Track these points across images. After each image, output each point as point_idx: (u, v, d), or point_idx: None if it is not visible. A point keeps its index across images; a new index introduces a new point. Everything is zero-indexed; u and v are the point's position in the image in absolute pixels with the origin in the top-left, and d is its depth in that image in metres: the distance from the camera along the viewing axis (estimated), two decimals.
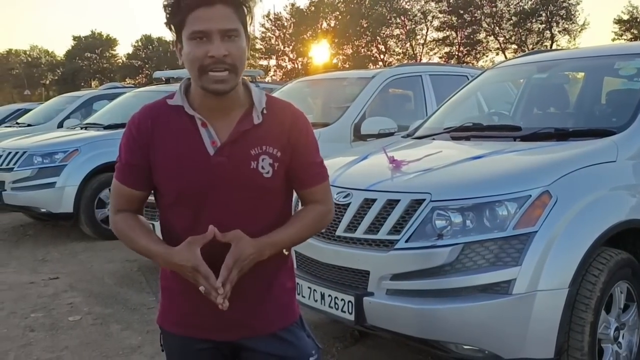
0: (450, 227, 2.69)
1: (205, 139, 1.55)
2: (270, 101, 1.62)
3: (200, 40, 1.47)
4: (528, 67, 4.50)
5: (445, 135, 3.87)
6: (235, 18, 1.49)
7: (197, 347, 1.67)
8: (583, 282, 2.66)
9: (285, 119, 1.61)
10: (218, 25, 1.46)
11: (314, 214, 1.67)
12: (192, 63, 1.49)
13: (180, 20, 1.49)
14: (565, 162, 2.88)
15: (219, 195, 1.54)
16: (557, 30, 43.28)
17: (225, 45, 1.47)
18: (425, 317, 2.67)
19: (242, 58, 1.52)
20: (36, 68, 70.94)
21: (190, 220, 1.56)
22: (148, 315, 4.38)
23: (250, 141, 1.55)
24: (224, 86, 1.50)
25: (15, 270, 5.84)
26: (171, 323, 1.69)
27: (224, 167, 1.53)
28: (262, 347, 1.65)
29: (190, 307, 1.62)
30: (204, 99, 1.55)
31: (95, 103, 10.59)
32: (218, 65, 1.47)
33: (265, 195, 1.58)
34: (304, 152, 1.63)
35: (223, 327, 1.61)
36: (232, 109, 1.57)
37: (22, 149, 7.21)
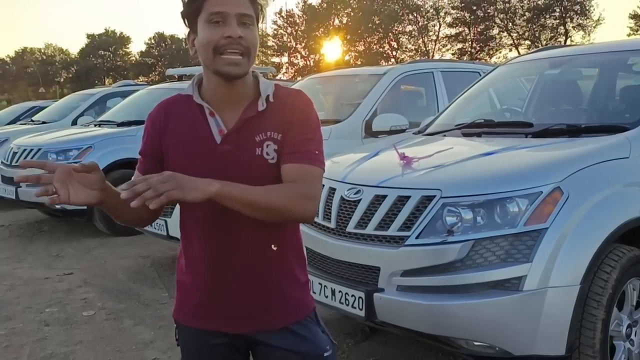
0: (460, 224, 2.68)
1: (213, 127, 1.57)
2: (278, 90, 1.64)
3: (216, 23, 1.50)
4: (540, 63, 4.47)
5: (456, 132, 3.86)
6: (251, 8, 1.54)
7: (212, 342, 1.67)
8: (595, 279, 2.65)
9: (287, 102, 1.62)
10: (235, 9, 1.50)
11: (288, 187, 1.54)
12: (207, 45, 1.51)
13: (198, 7, 1.52)
14: (577, 159, 2.87)
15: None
16: (571, 26, 42.86)
17: (241, 30, 1.51)
18: (436, 313, 2.67)
19: (255, 45, 1.55)
20: (51, 66, 71.49)
21: (198, 208, 1.54)
22: (161, 310, 4.42)
23: (254, 128, 1.57)
24: (236, 69, 1.52)
25: (31, 266, 5.92)
26: (186, 315, 1.70)
27: (230, 155, 1.55)
28: (277, 342, 1.65)
29: (204, 299, 1.63)
30: (215, 88, 1.58)
31: (108, 100, 10.66)
32: (233, 47, 1.50)
33: (271, 181, 1.56)
34: (299, 129, 1.59)
35: (237, 320, 1.62)
36: (240, 100, 1.60)
37: (37, 146, 7.30)
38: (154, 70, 66.02)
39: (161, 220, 4.88)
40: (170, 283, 5.08)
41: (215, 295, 1.60)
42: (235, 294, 1.57)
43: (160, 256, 6.06)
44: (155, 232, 5.05)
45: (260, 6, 1.58)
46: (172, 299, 4.65)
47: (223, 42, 1.50)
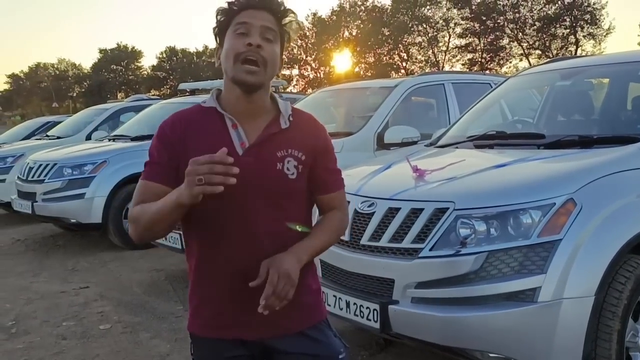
0: (474, 236, 2.70)
1: (234, 139, 1.62)
2: (294, 111, 1.73)
3: (241, 34, 1.59)
4: (551, 74, 4.49)
5: (468, 144, 3.89)
6: (276, 27, 1.64)
7: (228, 354, 1.69)
8: (610, 290, 2.65)
9: (309, 127, 1.73)
10: (260, 22, 1.60)
11: (337, 221, 1.78)
12: (229, 52, 1.60)
13: (227, 21, 1.63)
14: (589, 170, 2.88)
15: (245, 194, 1.59)
16: (581, 35, 42.74)
17: (262, 41, 1.59)
18: (451, 324, 2.68)
19: (274, 60, 1.63)
20: (64, 81, 72.29)
21: (217, 219, 1.62)
22: (176, 323, 4.45)
23: (277, 144, 1.64)
24: (252, 77, 1.59)
25: (47, 280, 5.98)
26: (201, 326, 1.72)
27: (251, 167, 1.59)
28: (294, 348, 1.69)
29: (219, 308, 1.67)
30: (236, 101, 1.64)
31: (122, 115, 10.77)
32: (252, 54, 1.58)
33: (289, 196, 1.65)
34: (326, 159, 1.74)
35: (252, 326, 1.65)
36: (259, 114, 1.66)
37: (52, 161, 7.39)
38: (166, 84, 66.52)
39: (175, 234, 4.93)
40: (185, 296, 5.09)
41: (232, 304, 1.64)
42: (251, 301, 1.59)
43: (174, 269, 6.10)
44: (170, 245, 5.09)
45: (287, 34, 1.68)
46: (187, 312, 4.67)
47: (243, 49, 1.58)
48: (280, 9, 1.65)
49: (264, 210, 1.62)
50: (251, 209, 1.61)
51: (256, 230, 1.61)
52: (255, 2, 1.62)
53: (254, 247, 1.61)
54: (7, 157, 9.64)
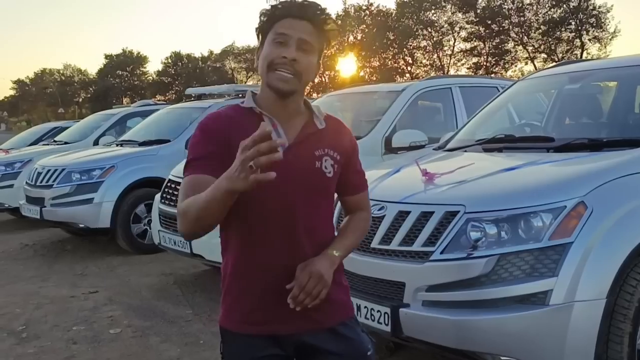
0: (485, 239, 2.71)
1: (274, 138, 1.58)
2: (325, 114, 1.81)
3: (279, 43, 1.64)
4: (560, 77, 4.49)
5: (477, 147, 3.89)
6: (315, 37, 1.68)
7: (259, 354, 1.72)
8: (621, 293, 2.65)
9: (340, 129, 1.81)
10: (298, 34, 1.65)
11: (364, 222, 1.89)
12: (265, 59, 1.66)
13: (270, 25, 1.67)
14: (600, 173, 2.88)
15: (286, 191, 1.65)
16: (587, 39, 42.64)
17: (298, 54, 1.64)
18: (462, 328, 2.69)
19: (309, 71, 1.68)
20: (69, 86, 72.61)
21: (256, 216, 1.67)
22: (186, 327, 4.46)
23: (314, 143, 1.71)
24: (285, 85, 1.64)
25: (56, 285, 6.00)
26: (236, 322, 1.74)
27: (291, 165, 1.63)
28: (326, 345, 1.74)
29: (256, 304, 1.70)
30: (271, 103, 1.70)
31: (129, 120, 10.82)
32: (286, 67, 1.63)
33: (324, 193, 1.74)
34: (354, 161, 1.84)
35: (285, 320, 1.70)
36: (294, 116, 1.73)
37: (60, 167, 7.43)
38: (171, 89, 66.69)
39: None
40: (194, 300, 5.13)
41: (268, 299, 1.68)
42: (286, 296, 1.64)
43: (183, 274, 6.12)
44: (179, 249, 5.11)
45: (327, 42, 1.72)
46: (196, 316, 4.71)
47: (278, 60, 1.64)
48: (320, 19, 1.68)
49: (303, 206, 1.69)
50: (291, 205, 1.68)
51: (295, 226, 1.68)
52: (296, 11, 1.66)
53: (292, 243, 1.68)
54: (15, 163, 9.69)
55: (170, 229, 5.20)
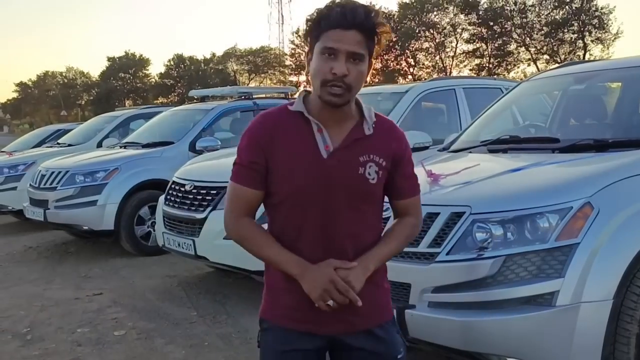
0: (491, 240, 2.70)
1: (319, 143, 1.70)
2: (377, 117, 1.79)
3: (328, 56, 1.64)
4: (565, 78, 4.49)
5: (482, 148, 3.89)
6: (364, 45, 1.66)
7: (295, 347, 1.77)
8: (627, 294, 2.64)
9: (390, 133, 1.80)
10: (347, 47, 1.63)
11: (409, 228, 1.87)
12: (316, 75, 1.67)
13: (318, 34, 1.67)
14: (606, 173, 2.88)
15: (328, 196, 1.69)
16: (589, 40, 42.53)
17: (348, 66, 1.64)
18: (468, 329, 2.68)
19: (360, 81, 1.69)
20: (72, 89, 72.61)
21: (299, 219, 1.72)
22: (190, 329, 4.46)
23: (360, 149, 1.72)
24: (337, 99, 1.66)
25: (60, 287, 6.01)
26: (276, 315, 1.81)
27: (334, 170, 1.68)
28: (358, 343, 1.78)
29: (294, 302, 1.75)
30: (320, 109, 1.71)
31: (132, 122, 10.84)
32: (337, 82, 1.64)
33: (368, 199, 1.75)
34: (404, 165, 1.81)
35: (324, 321, 1.74)
36: (344, 120, 1.74)
37: (64, 169, 7.44)
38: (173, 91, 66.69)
39: (189, 240, 4.95)
40: (198, 302, 5.13)
41: (304, 298, 1.70)
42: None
43: (187, 275, 6.12)
44: (183, 251, 5.10)
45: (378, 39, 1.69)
46: (200, 318, 4.71)
47: (329, 76, 1.63)
48: (369, 26, 1.66)
49: (345, 212, 1.72)
50: (333, 210, 1.71)
51: (336, 231, 1.71)
52: (345, 22, 1.63)
53: (333, 246, 1.71)
54: (19, 165, 9.70)
55: (175, 230, 5.19)
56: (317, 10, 1.69)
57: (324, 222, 1.70)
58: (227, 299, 5.19)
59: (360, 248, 1.74)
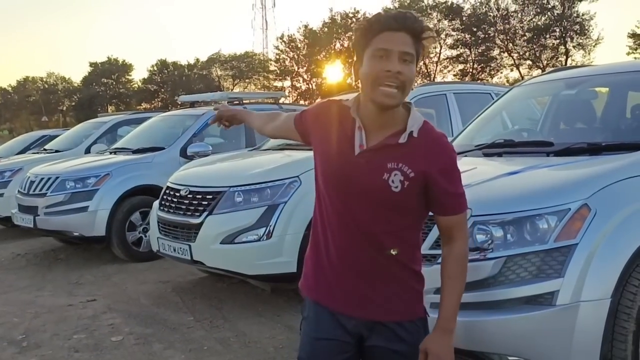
0: (491, 241, 2.76)
1: (356, 139, 1.78)
2: (426, 128, 1.80)
3: (380, 57, 1.71)
4: (556, 83, 4.57)
5: (476, 152, 3.95)
6: (413, 46, 1.74)
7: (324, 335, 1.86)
8: (624, 292, 2.70)
9: (434, 146, 1.80)
10: (399, 47, 1.71)
11: (461, 259, 1.88)
12: (368, 75, 1.74)
13: (368, 40, 1.74)
14: (601, 176, 2.95)
15: (349, 189, 1.77)
16: (571, 46, 43.13)
17: (400, 66, 1.69)
18: (470, 329, 2.72)
19: (411, 81, 1.75)
20: (53, 94, 71.83)
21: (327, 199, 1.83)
22: (188, 334, 4.47)
23: (390, 155, 1.76)
24: (390, 100, 1.72)
25: (52, 294, 5.97)
26: (309, 288, 1.94)
27: (360, 168, 1.74)
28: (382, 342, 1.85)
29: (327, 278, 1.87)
30: (368, 112, 1.78)
31: (120, 128, 10.80)
32: (391, 80, 1.70)
33: (393, 207, 1.77)
34: (446, 181, 1.80)
35: (351, 302, 1.84)
36: (388, 126, 1.78)
37: (54, 175, 7.40)
38: (157, 97, 66.33)
39: (185, 245, 4.96)
40: (195, 307, 5.14)
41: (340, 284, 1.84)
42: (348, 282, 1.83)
43: (181, 281, 6.12)
44: (179, 256, 5.11)
45: (423, 46, 1.75)
46: (198, 322, 4.72)
47: (382, 75, 1.69)
48: (417, 29, 1.72)
49: (365, 212, 1.77)
50: (352, 208, 1.77)
51: (358, 231, 1.77)
52: (394, 24, 1.70)
53: (352, 242, 1.80)
54: (5, 172, 9.61)
55: (170, 236, 5.20)
56: (366, 19, 1.77)
57: (344, 218, 1.79)
58: (223, 303, 5.20)
59: (378, 248, 1.80)
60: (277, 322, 4.61)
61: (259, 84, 58.53)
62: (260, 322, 4.63)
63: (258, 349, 4.09)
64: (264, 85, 56.82)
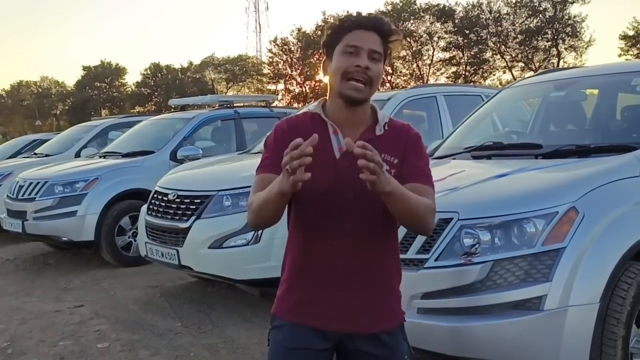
0: (479, 245, 2.73)
1: (334, 144, 1.79)
2: (392, 121, 1.87)
3: (350, 54, 1.77)
4: (545, 85, 4.55)
5: (465, 155, 3.92)
6: (381, 46, 1.80)
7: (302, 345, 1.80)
8: (613, 297, 2.68)
9: (402, 131, 1.86)
10: (368, 45, 1.77)
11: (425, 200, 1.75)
12: (338, 70, 1.78)
13: (339, 37, 1.79)
14: (589, 178, 2.92)
15: (342, 195, 1.76)
16: (563, 48, 43.26)
17: (369, 62, 1.76)
18: (458, 334, 2.70)
19: (379, 78, 1.80)
20: (47, 98, 71.59)
21: (314, 214, 1.79)
22: (175, 340, 4.41)
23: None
24: (358, 94, 1.76)
25: (40, 299, 5.90)
26: (285, 311, 1.86)
27: (347, 171, 1.73)
28: (363, 347, 1.82)
29: (305, 296, 1.82)
30: (338, 111, 1.81)
31: (110, 132, 10.71)
32: (360, 75, 1.75)
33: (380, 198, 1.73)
34: (414, 155, 1.83)
35: (333, 317, 1.79)
36: (359, 123, 1.82)
37: (43, 179, 7.33)
38: (150, 100, 66.15)
39: (173, 250, 4.91)
40: (182, 313, 5.08)
41: (316, 293, 1.80)
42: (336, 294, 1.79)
43: (170, 286, 6.06)
44: (167, 261, 5.06)
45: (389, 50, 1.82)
46: (185, 328, 4.66)
47: (352, 69, 1.74)
48: (387, 31, 1.79)
49: (356, 209, 1.77)
50: (344, 208, 1.77)
51: (348, 227, 1.77)
52: (365, 23, 1.77)
53: (343, 243, 1.78)
54: None
55: (158, 240, 5.14)
56: (338, 18, 1.83)
57: (337, 219, 1.77)
58: (212, 308, 5.15)
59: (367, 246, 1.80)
60: (266, 327, 4.49)
61: (253, 87, 58.44)
62: (249, 327, 4.58)
63: (246, 355, 4.04)
64: (257, 88, 56.74)
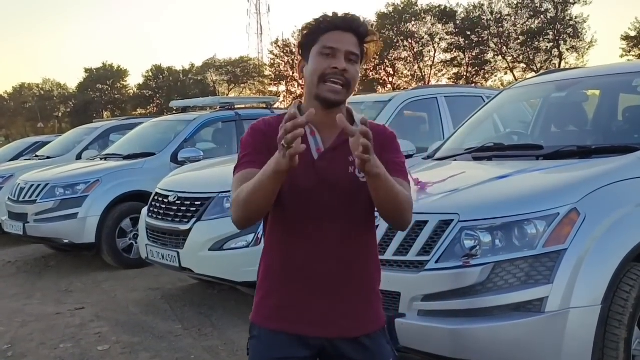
0: (479, 247, 2.71)
1: (312, 145, 1.77)
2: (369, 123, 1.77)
3: (327, 55, 1.73)
4: (546, 86, 4.54)
5: (466, 156, 3.91)
6: (358, 47, 1.77)
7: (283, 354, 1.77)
8: (615, 299, 2.66)
9: (378, 131, 1.82)
10: (345, 47, 1.74)
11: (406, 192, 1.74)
12: (314, 72, 1.74)
13: (315, 38, 1.76)
14: (591, 179, 2.91)
15: (322, 195, 1.74)
16: (565, 49, 43.28)
17: (346, 64, 1.74)
18: (458, 337, 2.68)
19: (356, 80, 1.78)
20: (49, 101, 71.67)
21: (293, 216, 1.76)
22: (176, 342, 4.40)
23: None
24: (335, 96, 1.74)
25: (41, 302, 5.89)
26: (264, 317, 1.82)
27: (325, 171, 1.73)
28: (346, 353, 1.79)
29: (285, 301, 1.78)
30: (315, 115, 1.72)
31: (112, 134, 10.72)
32: (337, 77, 1.72)
33: (360, 196, 1.75)
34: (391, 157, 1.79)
35: (314, 322, 1.76)
36: (335, 125, 1.71)
37: (44, 181, 7.32)
38: (152, 102, 66.22)
39: (173, 252, 4.90)
40: (183, 315, 5.07)
41: (296, 298, 1.76)
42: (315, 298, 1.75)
43: (171, 288, 6.05)
44: (167, 263, 5.05)
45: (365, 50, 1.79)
46: (186, 330, 4.65)
47: (329, 71, 1.71)
48: (364, 32, 1.77)
49: (337, 210, 1.75)
50: (325, 208, 1.74)
51: (328, 229, 1.74)
52: (342, 24, 1.74)
53: (324, 244, 1.75)
54: None
55: (159, 242, 5.13)
56: (314, 19, 1.78)
57: (318, 220, 1.74)
58: (213, 311, 5.14)
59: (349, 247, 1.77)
60: None
61: (254, 89, 58.49)
62: None
63: (246, 357, 4.00)
64: (259, 90, 56.80)
